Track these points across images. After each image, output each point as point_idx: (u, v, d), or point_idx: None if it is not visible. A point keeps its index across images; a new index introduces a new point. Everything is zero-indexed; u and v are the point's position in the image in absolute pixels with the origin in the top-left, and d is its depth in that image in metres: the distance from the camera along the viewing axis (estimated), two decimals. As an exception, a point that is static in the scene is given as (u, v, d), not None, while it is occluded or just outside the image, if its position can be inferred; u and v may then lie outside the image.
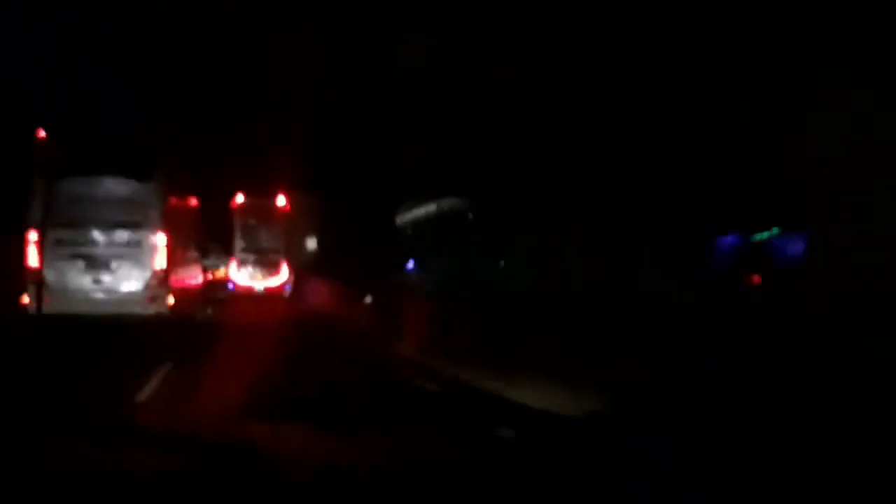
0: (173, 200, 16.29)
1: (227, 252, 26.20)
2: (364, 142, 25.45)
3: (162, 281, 15.09)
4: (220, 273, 26.24)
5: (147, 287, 14.93)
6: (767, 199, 13.23)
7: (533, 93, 15.91)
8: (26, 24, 19.06)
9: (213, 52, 23.13)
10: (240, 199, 26.11)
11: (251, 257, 25.70)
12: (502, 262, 21.24)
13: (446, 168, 20.97)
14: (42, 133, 15.00)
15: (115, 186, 14.96)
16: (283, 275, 25.81)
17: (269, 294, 25.18)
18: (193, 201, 19.26)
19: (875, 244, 8.10)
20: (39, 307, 14.34)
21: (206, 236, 21.77)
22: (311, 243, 30.75)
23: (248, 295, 24.98)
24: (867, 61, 8.31)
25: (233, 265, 25.86)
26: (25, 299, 14.56)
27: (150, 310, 14.89)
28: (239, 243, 25.82)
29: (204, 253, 21.39)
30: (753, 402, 6.97)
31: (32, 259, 14.70)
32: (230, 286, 25.57)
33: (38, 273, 14.62)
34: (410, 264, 26.83)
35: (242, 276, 25.71)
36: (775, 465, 4.21)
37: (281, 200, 25.94)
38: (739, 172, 12.84)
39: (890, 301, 7.58)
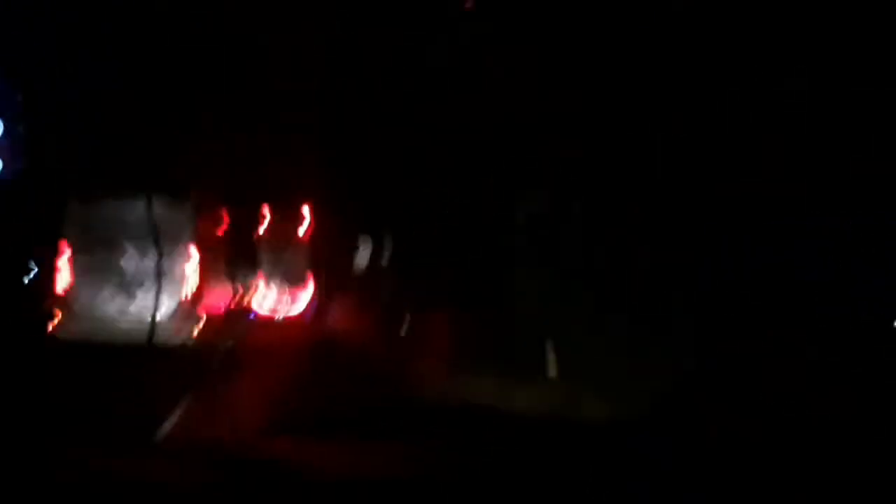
0: (203, 226, 16.24)
1: (250, 277, 26.01)
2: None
3: (190, 309, 15.04)
4: (244, 298, 26.04)
5: (176, 315, 14.87)
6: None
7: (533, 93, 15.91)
8: (26, 23, 19.05)
9: (213, 52, 23.06)
10: (263, 224, 25.94)
11: (274, 284, 25.63)
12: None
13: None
14: (75, 151, 15.05)
15: (146, 212, 14.88)
16: (305, 301, 25.67)
17: (290, 322, 25.00)
18: (223, 225, 19.16)
19: None
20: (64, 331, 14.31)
21: (232, 262, 21.61)
22: (363, 257, 27.69)
23: (269, 321, 24.79)
24: None
25: (256, 292, 25.71)
26: (51, 323, 14.54)
27: (177, 339, 14.83)
28: (263, 270, 25.74)
29: (231, 277, 21.25)
30: (753, 402, 6.97)
31: (59, 283, 14.72)
32: (251, 314, 25.38)
33: (64, 298, 14.64)
34: None
35: (265, 302, 25.56)
36: (775, 465, 4.21)
37: (304, 226, 25.74)
38: (739, 172, 12.84)
39: None
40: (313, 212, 25.79)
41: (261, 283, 25.96)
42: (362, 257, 28.64)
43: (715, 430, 5.79)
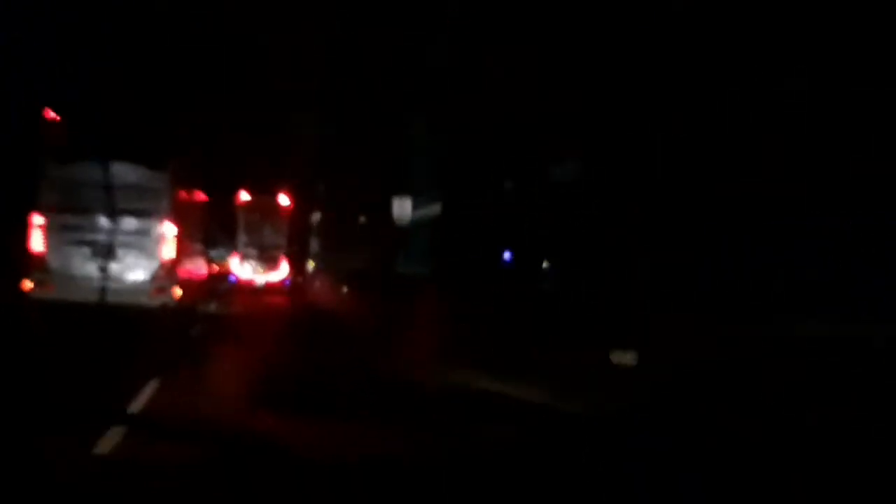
0: (182, 192, 16.12)
1: (231, 246, 26.87)
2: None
3: (169, 272, 14.85)
4: (224, 265, 26.72)
5: (154, 278, 14.71)
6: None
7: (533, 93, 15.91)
8: (26, 24, 19.05)
9: (213, 52, 23.14)
10: (244, 196, 27.00)
11: (253, 252, 26.74)
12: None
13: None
14: (52, 115, 14.87)
15: (125, 173, 14.66)
16: (284, 270, 26.88)
17: (270, 288, 26.14)
18: (200, 194, 19.19)
19: None
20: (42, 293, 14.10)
21: (212, 229, 21.77)
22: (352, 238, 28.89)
23: (248, 288, 25.82)
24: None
25: (235, 259, 26.77)
26: (28, 285, 14.33)
27: (156, 301, 14.68)
28: (242, 238, 26.85)
29: (210, 244, 21.36)
30: (753, 402, 6.97)
31: (37, 244, 14.49)
32: (232, 279, 26.35)
33: (42, 259, 14.43)
34: (507, 255, 20.09)
35: (244, 270, 26.74)
36: (775, 465, 4.21)
37: (284, 198, 26.80)
38: (739, 172, 12.84)
39: None
40: (291, 198, 26.51)
41: (240, 253, 26.73)
42: (351, 238, 29.55)
43: (715, 430, 5.79)
